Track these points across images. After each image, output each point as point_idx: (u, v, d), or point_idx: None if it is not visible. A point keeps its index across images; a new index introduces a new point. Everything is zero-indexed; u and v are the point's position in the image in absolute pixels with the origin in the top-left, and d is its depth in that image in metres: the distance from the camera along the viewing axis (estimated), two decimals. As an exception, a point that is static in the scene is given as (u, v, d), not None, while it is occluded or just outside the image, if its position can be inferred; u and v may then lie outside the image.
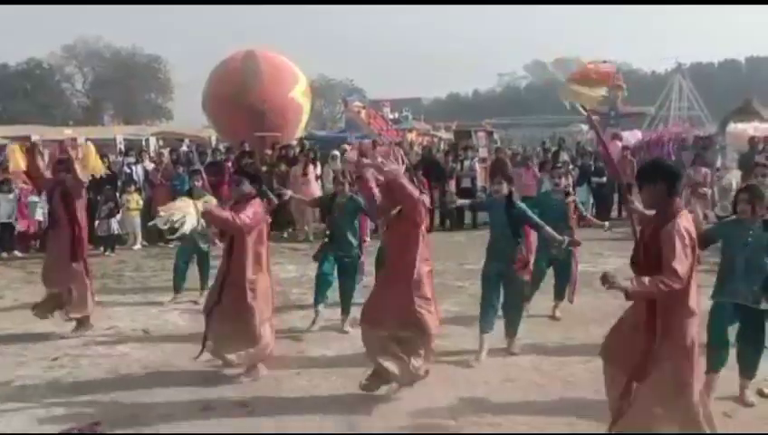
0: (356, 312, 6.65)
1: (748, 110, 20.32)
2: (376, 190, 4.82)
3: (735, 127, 15.68)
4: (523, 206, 5.80)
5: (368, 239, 7.35)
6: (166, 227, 6.04)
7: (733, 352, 4.67)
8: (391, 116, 33.61)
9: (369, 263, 7.31)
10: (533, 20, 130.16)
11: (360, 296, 6.85)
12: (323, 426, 4.38)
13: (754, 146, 12.75)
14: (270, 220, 5.65)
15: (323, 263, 6.57)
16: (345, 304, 6.60)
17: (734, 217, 4.83)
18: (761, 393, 4.78)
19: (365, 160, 4.77)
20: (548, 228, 5.72)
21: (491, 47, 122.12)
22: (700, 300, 3.58)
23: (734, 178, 11.17)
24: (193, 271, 7.82)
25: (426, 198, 4.94)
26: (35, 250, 10.89)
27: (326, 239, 6.69)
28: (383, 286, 4.90)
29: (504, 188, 5.74)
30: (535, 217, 5.76)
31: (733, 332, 4.62)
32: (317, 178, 12.61)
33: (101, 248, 10.79)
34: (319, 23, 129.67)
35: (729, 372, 4.66)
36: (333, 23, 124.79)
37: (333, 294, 6.69)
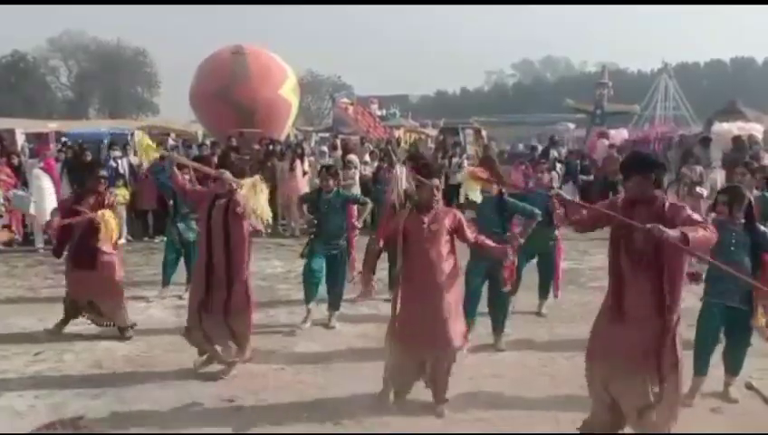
0: (343, 308, 6.66)
1: (732, 110, 20.52)
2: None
3: (720, 126, 15.75)
4: (512, 200, 5.82)
5: (357, 233, 7.32)
6: None
7: (719, 350, 4.74)
8: (379, 113, 33.59)
9: (358, 259, 7.30)
10: (522, 18, 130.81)
11: (347, 292, 6.86)
12: (309, 422, 4.36)
13: (739, 145, 12.80)
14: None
15: (312, 259, 6.49)
16: (333, 300, 6.55)
17: (713, 216, 4.89)
18: (749, 387, 4.85)
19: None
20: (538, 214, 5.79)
21: (482, 46, 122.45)
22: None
23: (719, 177, 11.26)
24: (180, 265, 7.74)
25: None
26: (18, 244, 10.78)
27: (311, 236, 6.65)
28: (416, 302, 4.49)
29: (494, 188, 5.72)
30: (529, 206, 5.81)
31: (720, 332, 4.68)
32: (304, 173, 12.56)
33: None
34: (310, 20, 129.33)
35: (714, 370, 4.71)
36: (326, 20, 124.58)
37: (321, 289, 6.66)
